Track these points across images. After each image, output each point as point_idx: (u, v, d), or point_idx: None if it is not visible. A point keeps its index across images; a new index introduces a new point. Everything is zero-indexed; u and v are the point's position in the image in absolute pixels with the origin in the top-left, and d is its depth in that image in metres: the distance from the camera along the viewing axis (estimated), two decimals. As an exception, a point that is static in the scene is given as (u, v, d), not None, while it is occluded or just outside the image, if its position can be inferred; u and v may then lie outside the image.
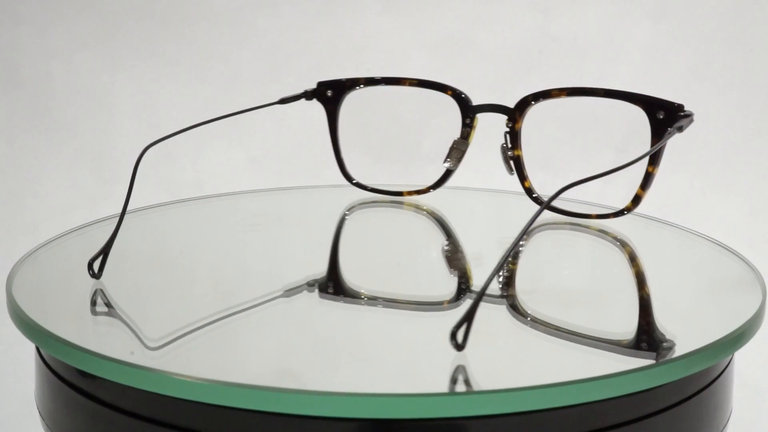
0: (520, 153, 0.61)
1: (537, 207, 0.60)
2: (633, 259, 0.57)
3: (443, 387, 0.41)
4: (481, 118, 0.62)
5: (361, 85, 0.65)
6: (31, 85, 1.11)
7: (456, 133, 0.63)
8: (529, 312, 0.51)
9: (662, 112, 0.56)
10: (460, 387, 0.41)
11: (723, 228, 0.99)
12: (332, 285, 0.55)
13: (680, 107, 0.56)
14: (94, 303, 0.51)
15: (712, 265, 0.58)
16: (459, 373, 0.44)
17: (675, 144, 0.57)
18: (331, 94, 0.65)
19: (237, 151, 1.10)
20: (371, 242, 0.63)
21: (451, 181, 0.64)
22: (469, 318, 0.42)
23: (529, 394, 0.40)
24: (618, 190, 0.88)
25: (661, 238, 0.60)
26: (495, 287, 0.52)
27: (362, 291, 0.54)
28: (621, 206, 0.59)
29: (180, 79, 1.11)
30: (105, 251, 0.53)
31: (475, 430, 0.40)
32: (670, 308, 0.52)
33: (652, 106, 0.56)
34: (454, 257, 0.59)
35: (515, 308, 0.51)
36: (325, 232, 0.64)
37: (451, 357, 0.43)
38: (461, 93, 0.63)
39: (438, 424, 0.40)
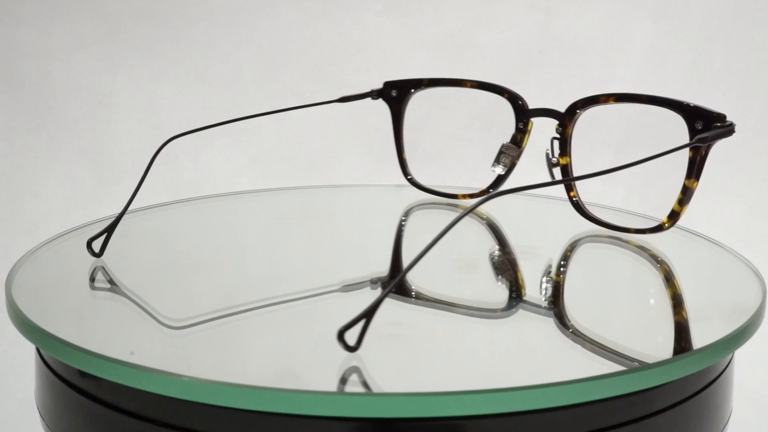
0: (568, 161, 0.59)
1: (580, 217, 0.59)
2: (668, 279, 0.56)
3: (444, 387, 0.41)
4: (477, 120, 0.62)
5: (424, 86, 0.66)
6: (31, 85, 1.11)
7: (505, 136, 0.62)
8: (546, 313, 0.51)
9: (700, 122, 0.54)
10: (461, 386, 0.41)
11: (723, 228, 0.99)
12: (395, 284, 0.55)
13: (718, 117, 0.54)
14: (95, 289, 0.51)
15: (712, 265, 0.58)
16: (461, 372, 0.44)
17: (674, 144, 0.56)
18: (395, 94, 0.66)
19: (237, 151, 1.10)
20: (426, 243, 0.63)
21: (506, 185, 0.64)
22: (366, 317, 0.42)
23: (529, 394, 0.40)
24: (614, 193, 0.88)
25: (661, 238, 0.60)
26: (538, 297, 0.52)
27: (418, 292, 0.54)
28: (661, 219, 0.58)
29: (180, 79, 1.11)
30: (108, 231, 0.54)
31: (475, 430, 0.40)
32: (670, 308, 0.52)
33: (691, 115, 0.54)
34: (506, 265, 0.58)
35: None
36: (381, 232, 0.64)
37: (462, 358, 0.43)
38: (518, 97, 0.62)
39: (438, 423, 0.40)
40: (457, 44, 1.08)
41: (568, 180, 0.54)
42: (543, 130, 0.62)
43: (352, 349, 0.42)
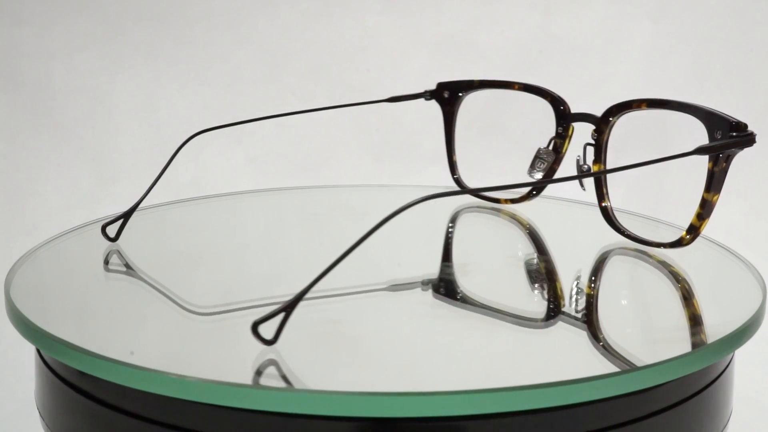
0: (601, 167, 0.57)
1: (610, 229, 0.58)
2: (686, 299, 0.55)
3: (444, 387, 0.41)
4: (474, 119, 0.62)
5: (475, 88, 0.65)
6: (31, 85, 1.11)
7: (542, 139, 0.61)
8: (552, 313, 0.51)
9: (720, 132, 0.52)
10: (461, 386, 0.41)
11: (723, 228, 0.99)
12: (443, 287, 0.55)
13: (737, 127, 0.52)
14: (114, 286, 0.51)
15: (712, 265, 0.58)
16: (461, 372, 0.44)
17: (674, 144, 0.56)
18: (447, 95, 0.66)
19: (237, 151, 1.10)
20: (467, 248, 0.62)
21: (550, 191, 0.63)
22: (283, 312, 0.42)
23: (529, 394, 0.40)
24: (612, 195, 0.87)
25: (661, 238, 0.60)
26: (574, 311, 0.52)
27: (461, 296, 0.54)
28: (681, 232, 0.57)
29: (180, 79, 1.11)
30: (126, 216, 0.55)
31: (475, 429, 0.40)
32: (670, 308, 0.52)
33: (711, 123, 0.53)
34: (541, 274, 0.58)
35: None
36: (427, 233, 0.63)
37: (463, 359, 0.43)
38: (560, 101, 0.61)
39: (438, 424, 0.40)
40: (457, 44, 1.08)
41: (567, 179, 0.53)
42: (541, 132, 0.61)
43: (268, 342, 0.42)
